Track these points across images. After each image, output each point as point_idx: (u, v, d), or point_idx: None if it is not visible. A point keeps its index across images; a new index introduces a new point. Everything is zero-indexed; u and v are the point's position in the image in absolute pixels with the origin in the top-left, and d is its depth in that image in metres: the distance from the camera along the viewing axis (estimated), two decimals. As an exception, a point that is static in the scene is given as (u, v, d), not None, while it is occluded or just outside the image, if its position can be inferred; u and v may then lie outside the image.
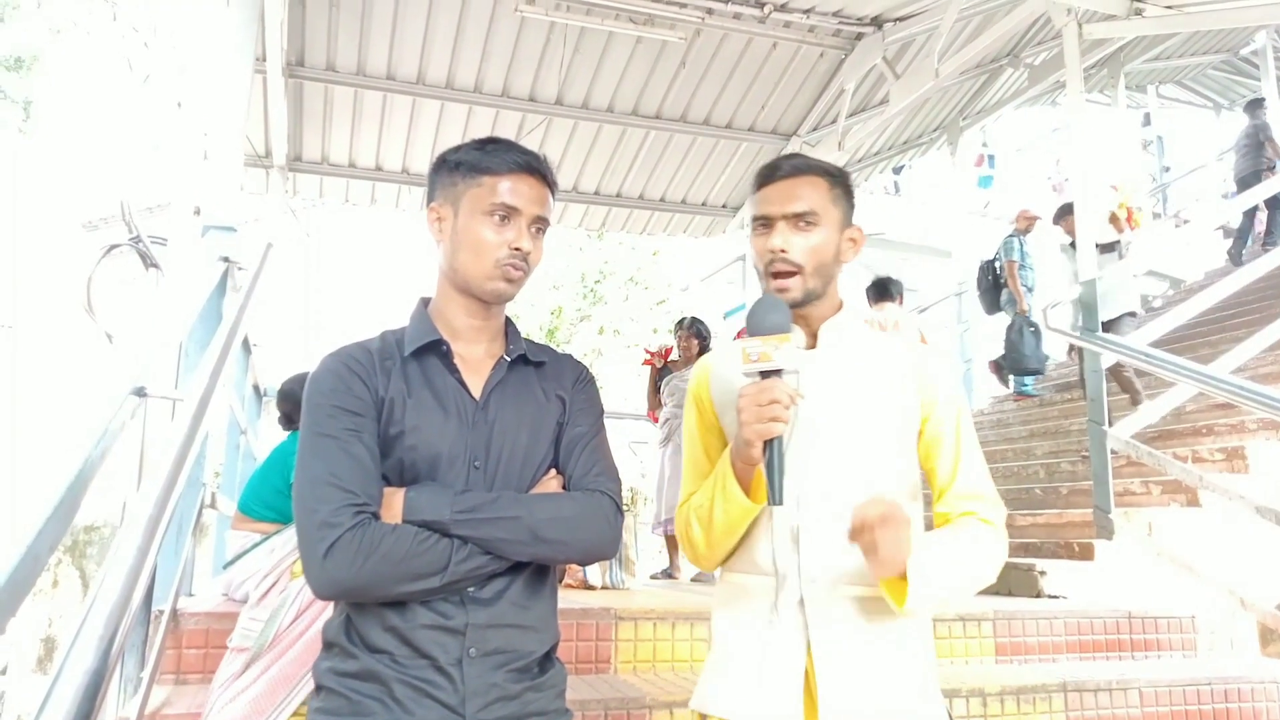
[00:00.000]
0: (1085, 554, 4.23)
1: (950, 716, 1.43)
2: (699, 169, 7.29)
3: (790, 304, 1.38)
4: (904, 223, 12.77)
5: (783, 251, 1.40)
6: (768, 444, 1.28)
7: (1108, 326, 5.45)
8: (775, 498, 1.27)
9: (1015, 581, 4.11)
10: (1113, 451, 4.38)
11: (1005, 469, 6.05)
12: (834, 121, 6.57)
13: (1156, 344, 4.75)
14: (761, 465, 1.30)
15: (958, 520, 1.41)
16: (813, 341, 1.47)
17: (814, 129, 6.89)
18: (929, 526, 1.46)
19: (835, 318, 1.47)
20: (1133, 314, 5.75)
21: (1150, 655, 3.51)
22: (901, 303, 6.66)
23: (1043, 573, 4.00)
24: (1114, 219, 6.06)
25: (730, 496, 1.36)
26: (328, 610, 2.02)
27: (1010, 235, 7.19)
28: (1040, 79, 7.32)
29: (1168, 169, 11.84)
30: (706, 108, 6.64)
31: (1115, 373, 5.46)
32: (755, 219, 1.45)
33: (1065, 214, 6.33)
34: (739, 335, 5.61)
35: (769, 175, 1.44)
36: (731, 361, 1.46)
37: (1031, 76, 7.38)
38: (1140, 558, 4.13)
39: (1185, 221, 9.48)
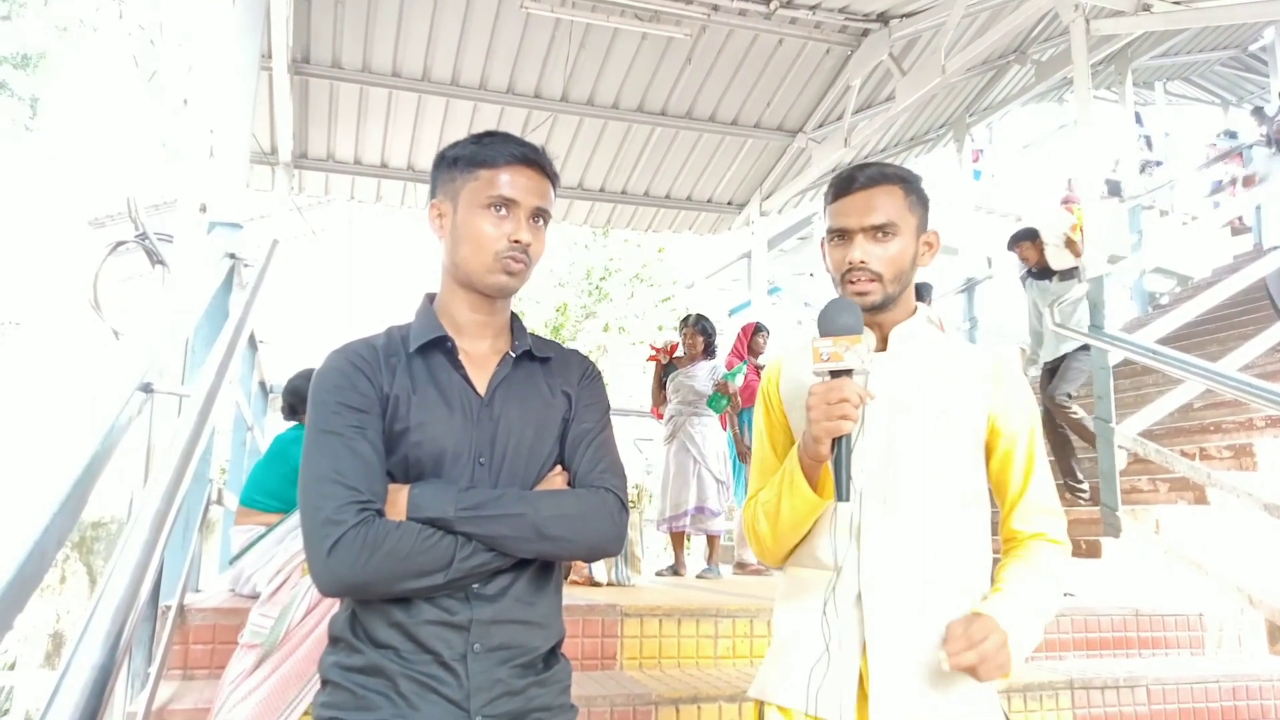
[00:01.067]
0: (1093, 552, 4.22)
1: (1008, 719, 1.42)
2: (704, 165, 7.28)
3: (868, 307, 1.41)
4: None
5: (863, 263, 1.41)
6: (836, 442, 1.30)
7: (1059, 363, 5.23)
8: (842, 494, 1.29)
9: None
10: (1120, 449, 4.36)
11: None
12: (840, 118, 6.56)
13: (1164, 341, 4.73)
14: (829, 462, 1.32)
15: (1029, 544, 1.43)
16: (883, 345, 1.47)
17: (820, 125, 6.88)
18: (994, 532, 1.47)
19: (907, 322, 1.47)
20: (1085, 348, 4.96)
21: (1158, 653, 3.50)
22: (929, 304, 6.62)
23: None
24: (1071, 243, 5.45)
25: (797, 492, 1.38)
26: (337, 606, 2.03)
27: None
28: (1047, 75, 7.29)
29: (1159, 163, 11.77)
30: (712, 104, 6.63)
31: (1067, 419, 5.10)
32: (831, 231, 1.45)
33: (1020, 240, 5.74)
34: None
35: (845, 186, 1.44)
36: (801, 361, 1.48)
37: (1038, 73, 7.36)
38: (1148, 555, 4.12)
39: (1193, 219, 9.41)
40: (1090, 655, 3.40)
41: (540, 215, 1.35)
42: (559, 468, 1.35)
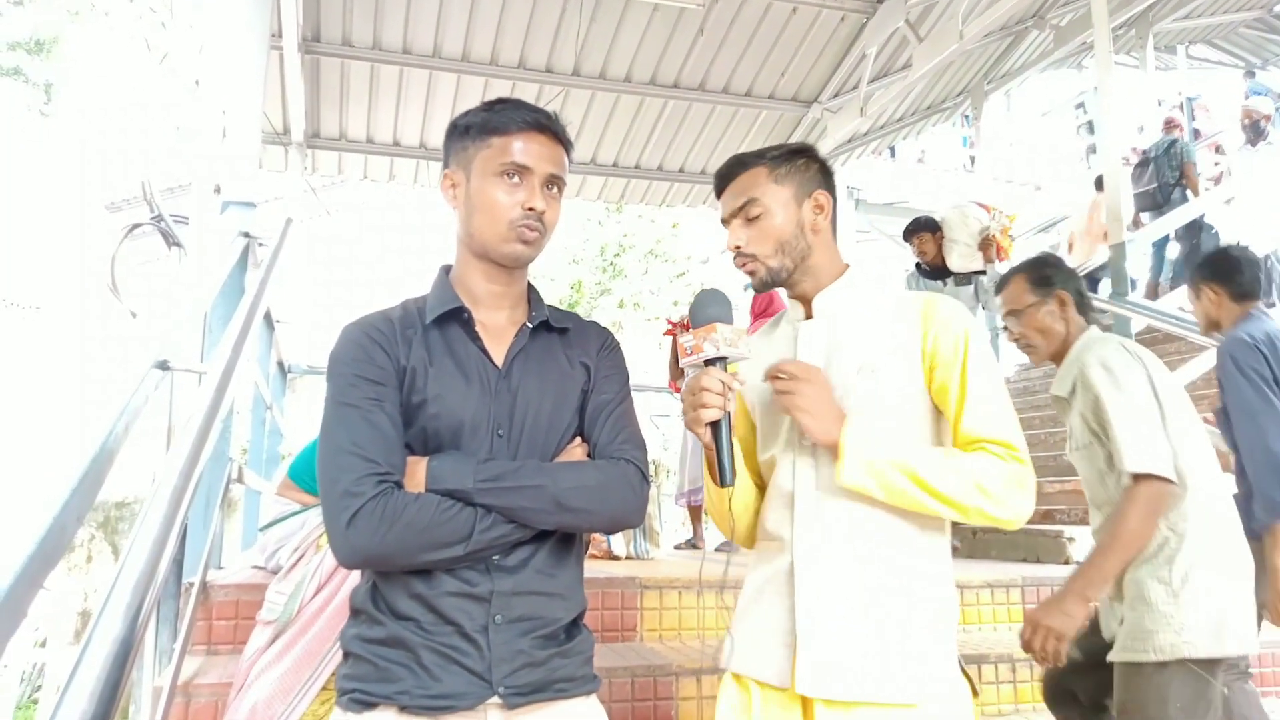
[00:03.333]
0: (1114, 521, 4.18)
1: (974, 688, 1.39)
2: (718, 138, 7.21)
3: (760, 285, 1.47)
4: (926, 190, 12.60)
5: (738, 247, 1.45)
6: (715, 430, 1.34)
7: None
8: (725, 478, 1.34)
9: (1043, 548, 4.08)
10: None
11: (1033, 436, 5.99)
12: (855, 87, 6.47)
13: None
14: (713, 450, 1.36)
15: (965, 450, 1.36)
16: (809, 311, 1.49)
17: (835, 95, 6.79)
18: None
19: (831, 287, 1.47)
20: None
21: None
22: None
23: (1071, 539, 3.97)
24: (987, 244, 4.93)
25: (709, 482, 1.46)
26: (349, 583, 2.04)
27: (1173, 140, 7.02)
28: (1066, 40, 7.15)
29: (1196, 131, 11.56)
30: (725, 76, 6.55)
31: None
32: (722, 223, 1.50)
33: (918, 230, 5.31)
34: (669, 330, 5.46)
35: (718, 186, 1.51)
36: (759, 347, 1.53)
37: (1057, 38, 7.21)
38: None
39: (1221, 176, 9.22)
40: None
41: (555, 182, 1.33)
42: (578, 439, 1.34)
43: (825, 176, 1.49)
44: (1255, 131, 6.91)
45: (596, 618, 2.89)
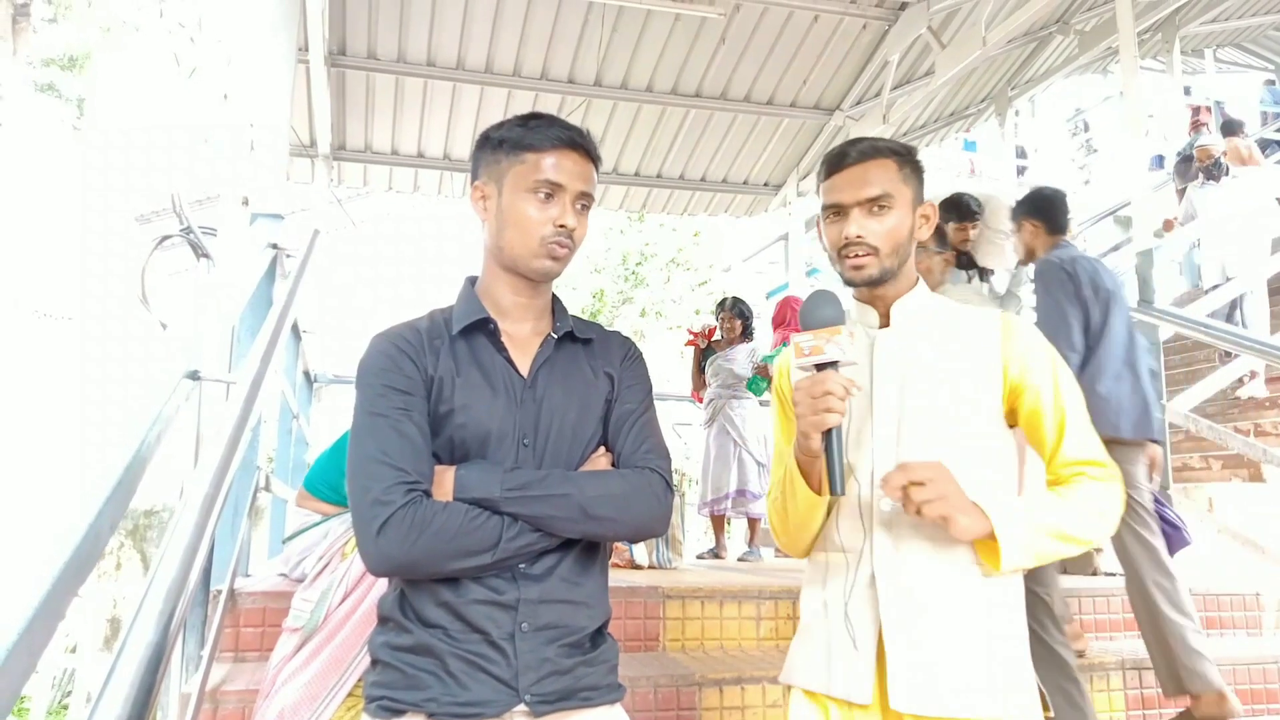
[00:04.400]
0: (1143, 531, 4.13)
1: (1045, 702, 1.38)
2: (740, 147, 7.22)
3: (866, 282, 1.41)
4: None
5: (859, 238, 1.39)
6: (825, 436, 1.28)
7: None
8: (836, 488, 1.27)
9: (1071, 559, 4.03)
10: (1171, 426, 4.26)
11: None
12: (878, 95, 6.45)
13: (1216, 315, 4.61)
14: (823, 457, 1.30)
15: (1069, 481, 1.38)
16: (887, 320, 1.45)
17: (857, 103, 6.77)
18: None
19: (909, 295, 1.45)
20: None
21: (1213, 634, 3.42)
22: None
23: (1099, 550, 3.92)
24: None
25: (798, 491, 1.38)
26: (375, 590, 2.06)
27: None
28: (1091, 46, 7.10)
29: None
30: (747, 85, 6.56)
31: None
32: (826, 207, 1.44)
33: (961, 211, 4.52)
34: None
35: (838, 162, 1.43)
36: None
37: (1082, 43, 7.16)
38: (1201, 534, 4.02)
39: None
40: (1142, 636, 3.33)
41: (584, 199, 1.34)
42: (603, 449, 1.35)
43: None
44: (1215, 168, 6.74)
45: (619, 627, 2.88)
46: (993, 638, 1.33)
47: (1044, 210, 3.15)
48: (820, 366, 1.28)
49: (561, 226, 1.30)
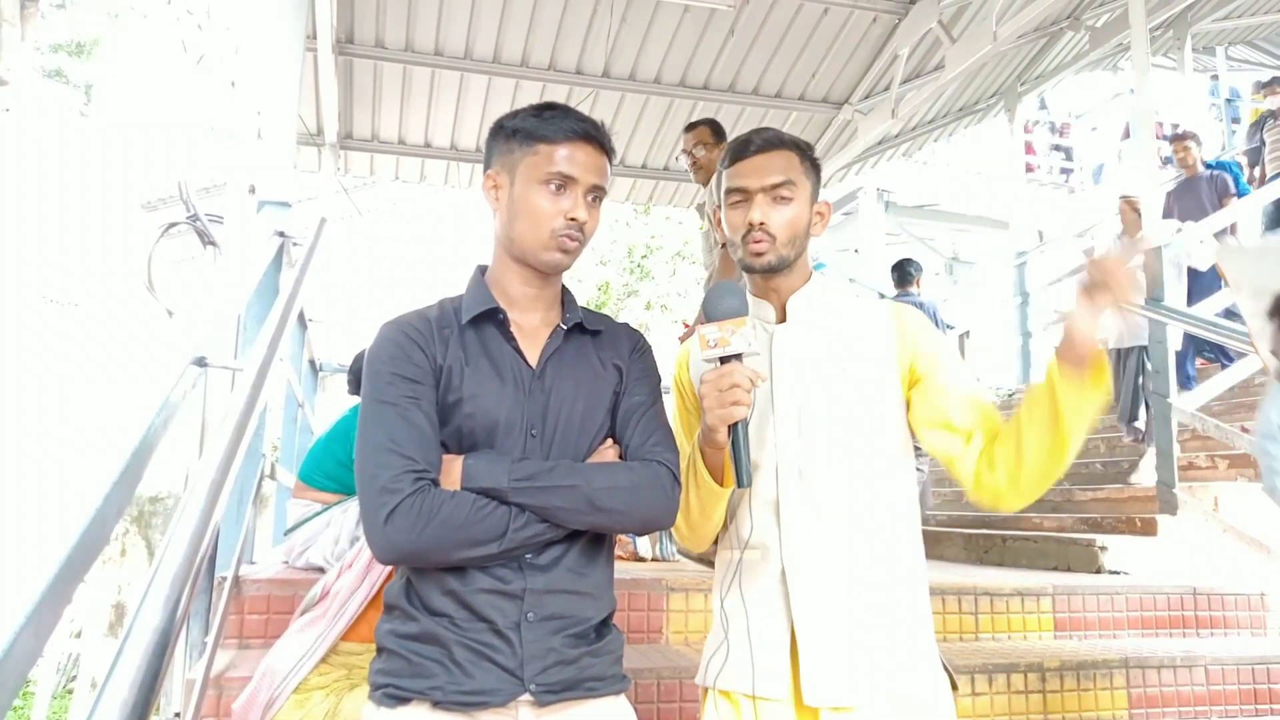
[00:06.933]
0: (1148, 529, 4.13)
1: (954, 685, 1.41)
2: (748, 140, 7.19)
3: (765, 268, 1.43)
4: (958, 193, 12.48)
5: (762, 224, 1.41)
6: (731, 428, 1.29)
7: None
8: (742, 480, 1.28)
9: (1074, 557, 4.03)
10: (1178, 425, 4.25)
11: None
12: (887, 89, 6.42)
13: (1225, 313, 4.59)
14: (728, 449, 1.31)
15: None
16: (782, 315, 1.47)
17: (866, 97, 6.74)
18: (941, 474, 1.47)
19: (804, 289, 1.48)
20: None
21: (1216, 633, 3.41)
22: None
23: (1103, 548, 3.92)
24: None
25: (702, 482, 1.38)
26: (368, 552, 2.10)
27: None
28: (1102, 42, 7.06)
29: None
30: (755, 77, 6.53)
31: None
32: (730, 191, 1.46)
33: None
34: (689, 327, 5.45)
35: (742, 149, 1.46)
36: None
37: (1093, 40, 7.12)
38: (1206, 533, 4.02)
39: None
40: (1146, 634, 3.33)
41: (597, 192, 1.33)
42: (610, 440, 1.35)
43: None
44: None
45: (623, 619, 2.89)
46: (898, 624, 1.36)
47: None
48: (724, 359, 1.29)
49: (573, 219, 1.30)
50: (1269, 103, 7.16)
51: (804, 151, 1.47)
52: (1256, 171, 7.21)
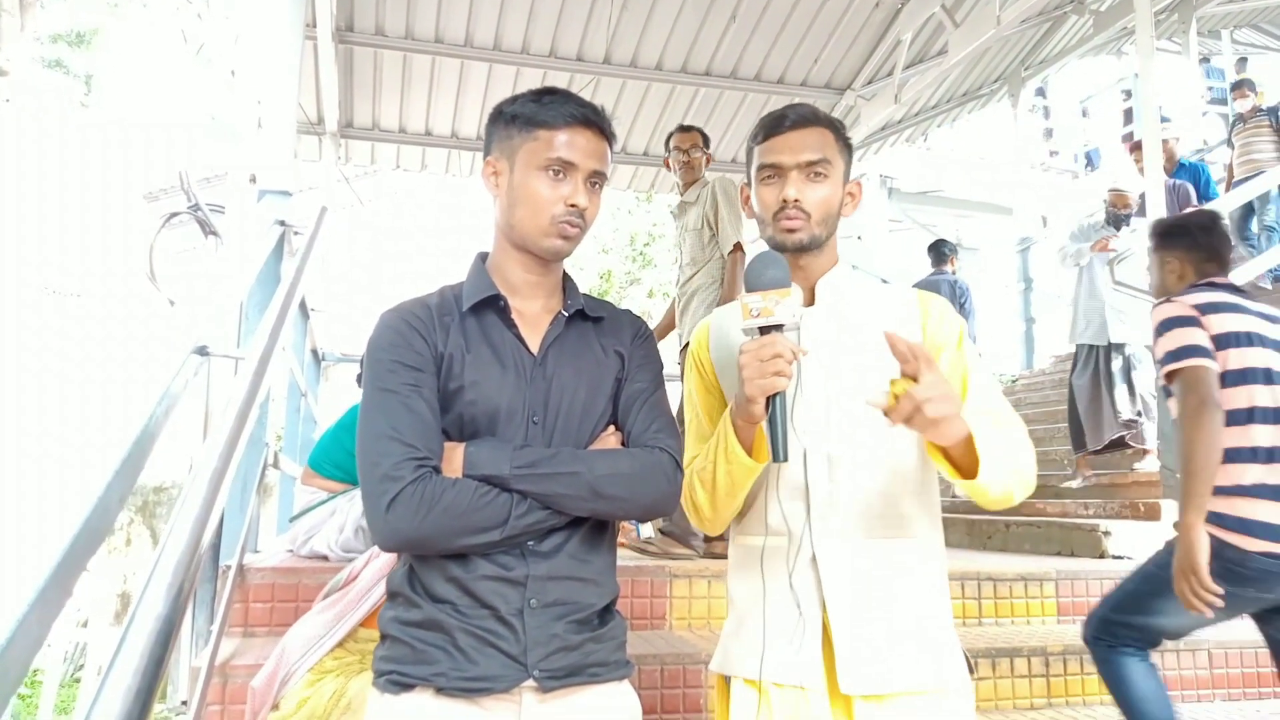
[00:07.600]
0: (1151, 514, 4.13)
1: (972, 670, 1.40)
2: (749, 127, 7.14)
3: (797, 246, 1.39)
4: (962, 179, 12.43)
5: (796, 201, 1.38)
6: (770, 400, 1.26)
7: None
8: (779, 454, 1.26)
9: (1078, 542, 4.03)
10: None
11: (1053, 431, 5.92)
12: (890, 74, 6.39)
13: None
14: (764, 423, 1.28)
15: None
16: (810, 298, 1.45)
17: (869, 82, 6.71)
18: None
19: (832, 272, 1.46)
20: None
21: (1220, 618, 3.41)
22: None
23: (1107, 533, 3.92)
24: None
25: (733, 456, 1.34)
26: (376, 564, 2.11)
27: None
28: (1106, 26, 7.01)
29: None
30: (757, 63, 6.50)
31: None
32: (763, 167, 1.43)
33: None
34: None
35: (777, 125, 1.43)
36: (731, 321, 1.46)
37: (1097, 23, 7.08)
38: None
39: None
40: (1149, 619, 3.33)
41: (597, 178, 1.32)
42: (612, 427, 1.34)
43: None
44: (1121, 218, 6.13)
45: (626, 605, 2.89)
46: (927, 611, 1.36)
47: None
48: (764, 330, 1.26)
49: (573, 206, 1.29)
50: (1238, 105, 7.06)
51: (838, 130, 1.44)
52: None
